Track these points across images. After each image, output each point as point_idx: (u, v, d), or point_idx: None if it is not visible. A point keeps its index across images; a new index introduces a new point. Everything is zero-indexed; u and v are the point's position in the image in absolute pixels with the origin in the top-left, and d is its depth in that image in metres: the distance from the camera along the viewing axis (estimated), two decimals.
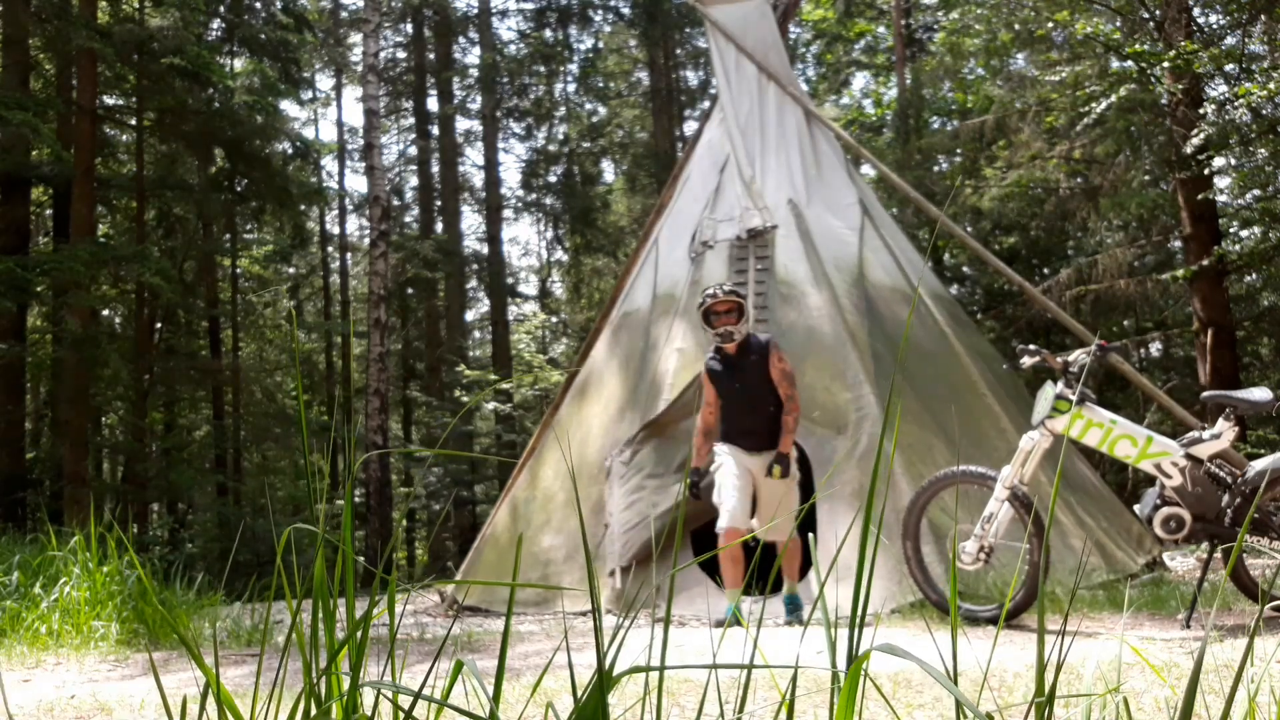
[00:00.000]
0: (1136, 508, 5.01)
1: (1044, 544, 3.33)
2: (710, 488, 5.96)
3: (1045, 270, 18.25)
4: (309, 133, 26.85)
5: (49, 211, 18.14)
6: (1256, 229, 13.91)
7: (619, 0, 25.14)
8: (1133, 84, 12.27)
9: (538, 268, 31.13)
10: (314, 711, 1.23)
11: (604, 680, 1.13)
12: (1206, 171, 12.23)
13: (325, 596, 1.30)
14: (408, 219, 26.49)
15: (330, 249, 27.05)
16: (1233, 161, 12.37)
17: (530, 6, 25.56)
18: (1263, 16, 11.46)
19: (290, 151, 19.35)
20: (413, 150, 26.55)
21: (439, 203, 25.29)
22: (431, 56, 25.09)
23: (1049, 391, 4.95)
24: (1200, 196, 12.28)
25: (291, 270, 25.68)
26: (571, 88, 27.24)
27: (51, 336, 15.44)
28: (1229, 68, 11.43)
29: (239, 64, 18.80)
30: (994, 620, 4.84)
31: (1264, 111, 10.96)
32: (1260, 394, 4.64)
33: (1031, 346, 5.13)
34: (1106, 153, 15.10)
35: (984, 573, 5.49)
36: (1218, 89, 12.30)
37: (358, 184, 35.50)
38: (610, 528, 6.86)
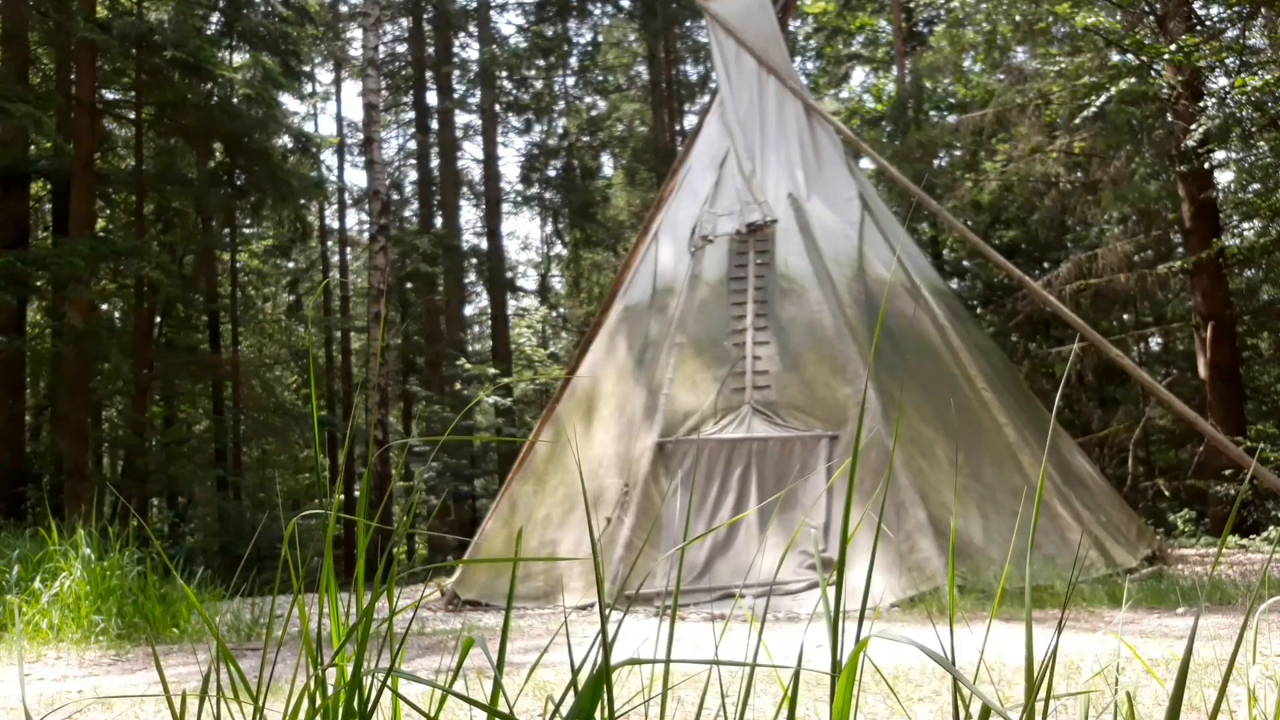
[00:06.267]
0: None
1: (1031, 535, 3.34)
2: None
3: (1045, 264, 18.22)
4: (309, 127, 26.84)
5: (48, 206, 18.12)
6: (1257, 223, 13.89)
7: None
8: (1133, 77, 12.25)
9: (537, 262, 31.13)
10: (319, 701, 1.23)
11: (603, 673, 1.14)
12: (1207, 165, 12.21)
13: (335, 589, 1.30)
14: (407, 213, 26.46)
15: (330, 243, 27.03)
16: (1233, 155, 12.35)
17: (530, 0, 25.53)
18: (1263, 9, 11.44)
19: (290, 146, 19.33)
20: (412, 144, 26.51)
21: (438, 197, 25.27)
22: (431, 51, 25.04)
23: None
24: (1203, 196, 12.26)
25: (291, 265, 25.66)
26: (571, 82, 27.20)
27: (51, 331, 15.43)
28: (1229, 61, 11.41)
29: (239, 58, 18.74)
30: None
31: (1267, 105, 10.94)
32: None
33: None
34: (1107, 146, 15.07)
35: None
36: (1218, 82, 12.28)
37: (357, 178, 35.52)
38: (624, 523, 6.88)
